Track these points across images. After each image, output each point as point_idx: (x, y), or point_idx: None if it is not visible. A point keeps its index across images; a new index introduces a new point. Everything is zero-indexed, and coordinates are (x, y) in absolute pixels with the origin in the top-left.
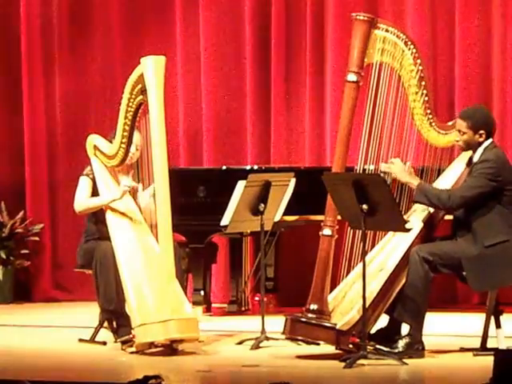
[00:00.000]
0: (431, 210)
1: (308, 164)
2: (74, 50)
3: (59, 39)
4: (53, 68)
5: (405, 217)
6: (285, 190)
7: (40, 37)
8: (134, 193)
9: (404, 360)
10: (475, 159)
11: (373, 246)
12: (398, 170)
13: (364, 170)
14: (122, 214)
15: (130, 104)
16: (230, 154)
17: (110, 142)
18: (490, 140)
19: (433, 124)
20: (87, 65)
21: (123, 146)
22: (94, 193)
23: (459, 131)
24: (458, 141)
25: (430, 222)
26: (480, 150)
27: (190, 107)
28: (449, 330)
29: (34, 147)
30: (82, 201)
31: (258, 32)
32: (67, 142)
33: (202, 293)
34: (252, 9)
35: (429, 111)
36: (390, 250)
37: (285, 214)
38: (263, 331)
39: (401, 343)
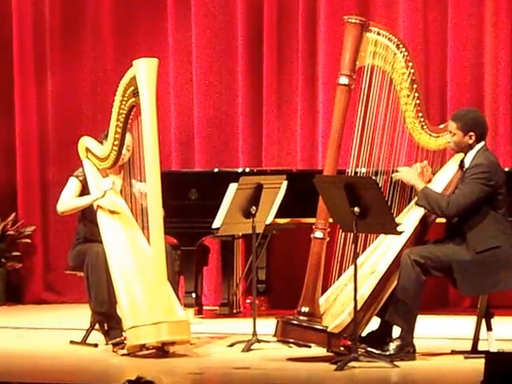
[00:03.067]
0: (423, 212)
1: (300, 167)
2: (66, 51)
3: (51, 40)
4: (45, 69)
5: (396, 219)
6: (276, 192)
7: (32, 37)
8: (125, 196)
9: (395, 362)
10: (467, 163)
11: (364, 248)
12: (405, 173)
13: (356, 172)
14: (114, 216)
15: (123, 106)
16: (221, 156)
17: (101, 143)
18: (482, 143)
19: (424, 127)
20: (79, 66)
21: (115, 148)
22: (83, 195)
23: (450, 132)
24: (449, 142)
25: (421, 225)
26: (471, 154)
27: (182, 109)
28: (440, 332)
29: (26, 149)
30: (65, 201)
31: (251, 35)
32: (59, 143)
33: (194, 295)
34: (244, 12)
35: (420, 114)
36: (381, 253)
37: (276, 216)
38: (254, 333)
39: (392, 346)
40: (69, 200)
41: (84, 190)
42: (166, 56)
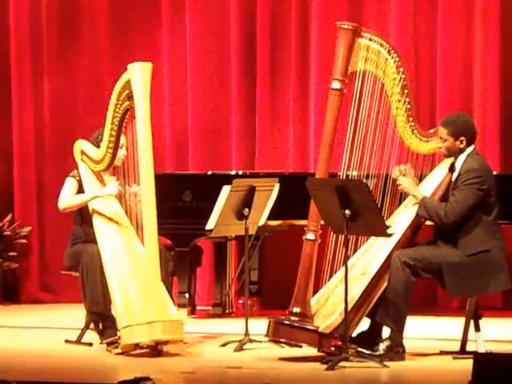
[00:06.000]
0: (413, 215)
1: (292, 170)
2: (62, 53)
3: (48, 42)
4: (42, 71)
5: (387, 222)
6: (269, 195)
7: (29, 39)
8: (120, 196)
9: (385, 363)
10: (458, 166)
11: (355, 250)
12: (407, 182)
13: (347, 175)
14: (108, 217)
15: (117, 109)
16: (215, 159)
17: (92, 143)
18: (472, 147)
19: (415, 131)
20: (75, 69)
21: (110, 150)
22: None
23: (441, 138)
24: (440, 148)
25: (412, 227)
26: (462, 157)
27: (177, 112)
28: (429, 333)
29: (23, 150)
30: (66, 198)
31: (244, 40)
32: (55, 144)
33: (187, 295)
34: (238, 18)
35: (411, 119)
36: (372, 255)
37: (269, 218)
38: (247, 333)
39: (382, 346)
40: (69, 197)
41: (81, 190)
42: (160, 60)
